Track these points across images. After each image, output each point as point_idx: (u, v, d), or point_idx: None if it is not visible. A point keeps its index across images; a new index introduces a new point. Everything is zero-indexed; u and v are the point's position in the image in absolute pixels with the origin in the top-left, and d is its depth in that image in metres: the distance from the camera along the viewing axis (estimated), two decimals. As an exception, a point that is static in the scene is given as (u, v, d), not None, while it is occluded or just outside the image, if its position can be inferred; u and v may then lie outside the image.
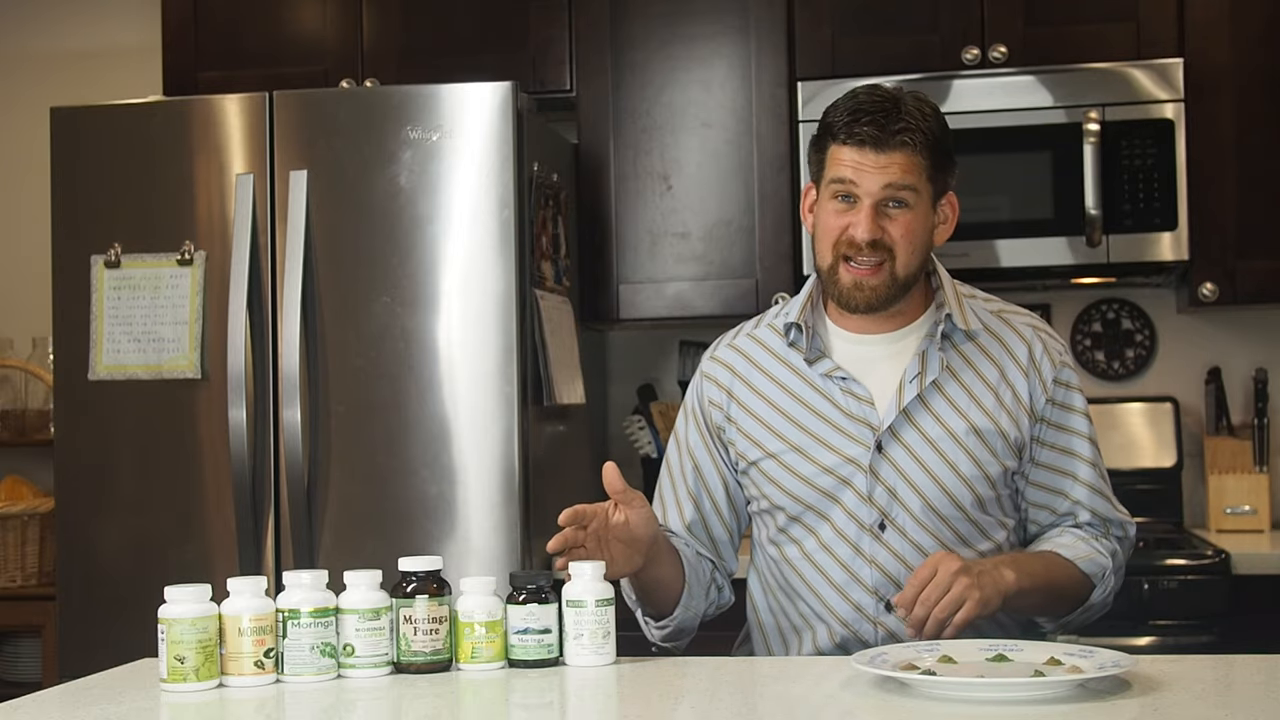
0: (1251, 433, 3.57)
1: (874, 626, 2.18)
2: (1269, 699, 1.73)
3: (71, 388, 3.22)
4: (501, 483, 3.06)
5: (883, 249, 2.13)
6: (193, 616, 1.87)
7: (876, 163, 2.11)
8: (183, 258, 3.17)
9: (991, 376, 2.19)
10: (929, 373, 2.17)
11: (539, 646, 1.96)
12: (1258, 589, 3.04)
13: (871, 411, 2.18)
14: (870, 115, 2.11)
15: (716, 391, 2.30)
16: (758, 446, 2.24)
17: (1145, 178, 3.33)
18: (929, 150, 2.12)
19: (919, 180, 2.13)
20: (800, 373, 2.24)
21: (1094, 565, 2.19)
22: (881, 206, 2.12)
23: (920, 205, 2.14)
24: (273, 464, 3.12)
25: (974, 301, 2.26)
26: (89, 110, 3.27)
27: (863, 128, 2.11)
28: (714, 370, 2.32)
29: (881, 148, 2.11)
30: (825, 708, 1.76)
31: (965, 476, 2.16)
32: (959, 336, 2.21)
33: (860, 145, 2.11)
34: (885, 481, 2.17)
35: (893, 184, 2.11)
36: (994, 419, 2.18)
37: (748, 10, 3.52)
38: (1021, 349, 2.22)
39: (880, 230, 2.12)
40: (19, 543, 3.65)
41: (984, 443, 2.17)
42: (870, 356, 2.22)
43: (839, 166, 2.14)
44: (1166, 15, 3.39)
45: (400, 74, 3.59)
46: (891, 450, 2.17)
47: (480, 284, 3.08)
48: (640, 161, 3.55)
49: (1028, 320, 2.26)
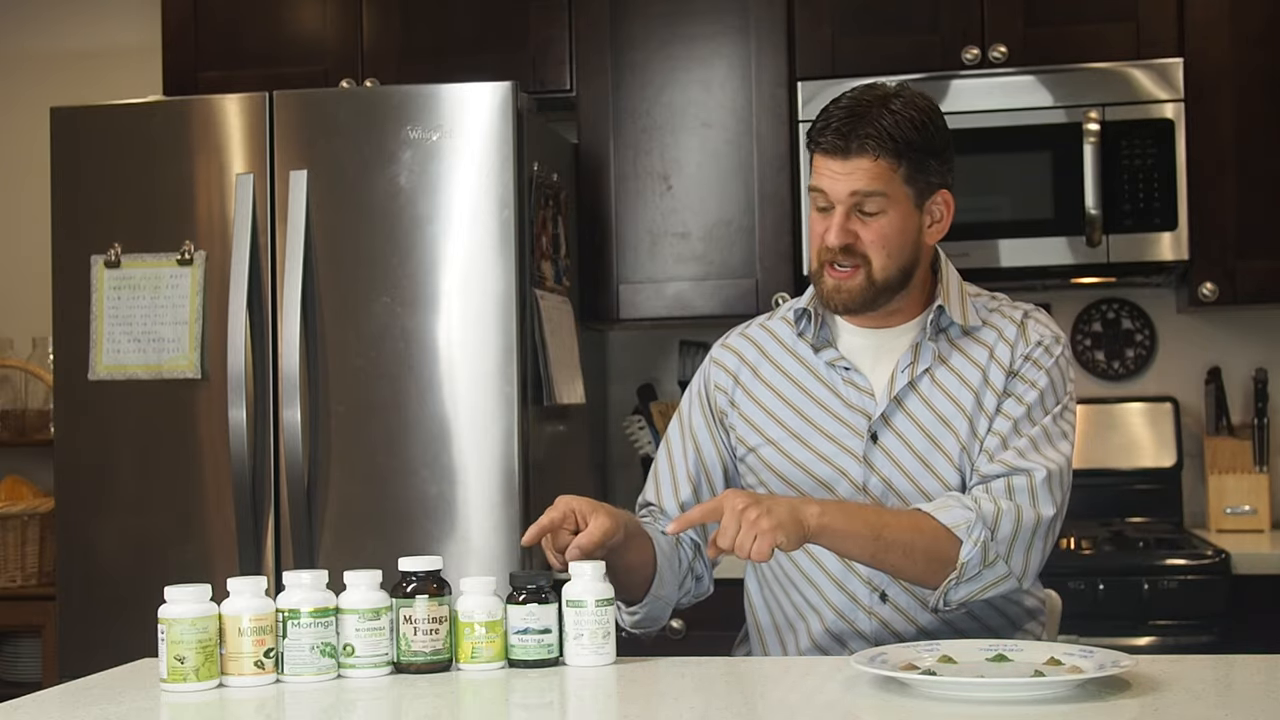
0: (1251, 433, 3.57)
1: (868, 616, 2.18)
2: (1269, 699, 1.73)
3: (71, 388, 3.22)
4: (501, 483, 3.06)
5: (856, 254, 2.15)
6: (193, 616, 1.86)
7: (842, 169, 2.13)
8: (183, 258, 3.17)
9: (981, 359, 2.21)
10: (920, 363, 2.20)
11: (539, 646, 1.96)
12: (1258, 589, 3.04)
13: (869, 401, 2.20)
14: (836, 122, 2.13)
15: (723, 376, 2.32)
16: (758, 432, 2.26)
17: (1145, 178, 3.33)
18: (896, 155, 2.12)
19: (888, 185, 2.13)
20: (806, 361, 2.26)
21: (954, 516, 2.06)
22: (853, 212, 2.14)
23: (895, 209, 2.14)
24: (273, 464, 3.12)
25: (978, 300, 2.27)
26: (89, 110, 3.27)
27: (827, 136, 2.13)
28: (723, 356, 2.35)
29: (844, 155, 2.12)
30: (825, 708, 1.76)
31: (956, 462, 2.17)
32: (955, 331, 2.22)
33: (827, 153, 2.14)
34: (879, 471, 2.18)
35: (858, 191, 2.12)
36: (980, 398, 2.18)
37: (748, 10, 3.52)
38: (1011, 330, 2.23)
39: (851, 235, 2.14)
40: (19, 543, 3.65)
41: (971, 424, 2.17)
42: (874, 348, 2.24)
43: (815, 174, 2.17)
44: (1166, 15, 3.39)
45: (400, 74, 3.59)
46: (885, 439, 2.19)
47: (480, 284, 3.08)
48: (640, 161, 3.55)
49: (1024, 308, 2.27)
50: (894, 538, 2.04)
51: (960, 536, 2.06)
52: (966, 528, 2.06)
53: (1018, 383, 2.20)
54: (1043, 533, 2.12)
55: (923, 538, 2.05)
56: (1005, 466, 2.13)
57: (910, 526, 2.06)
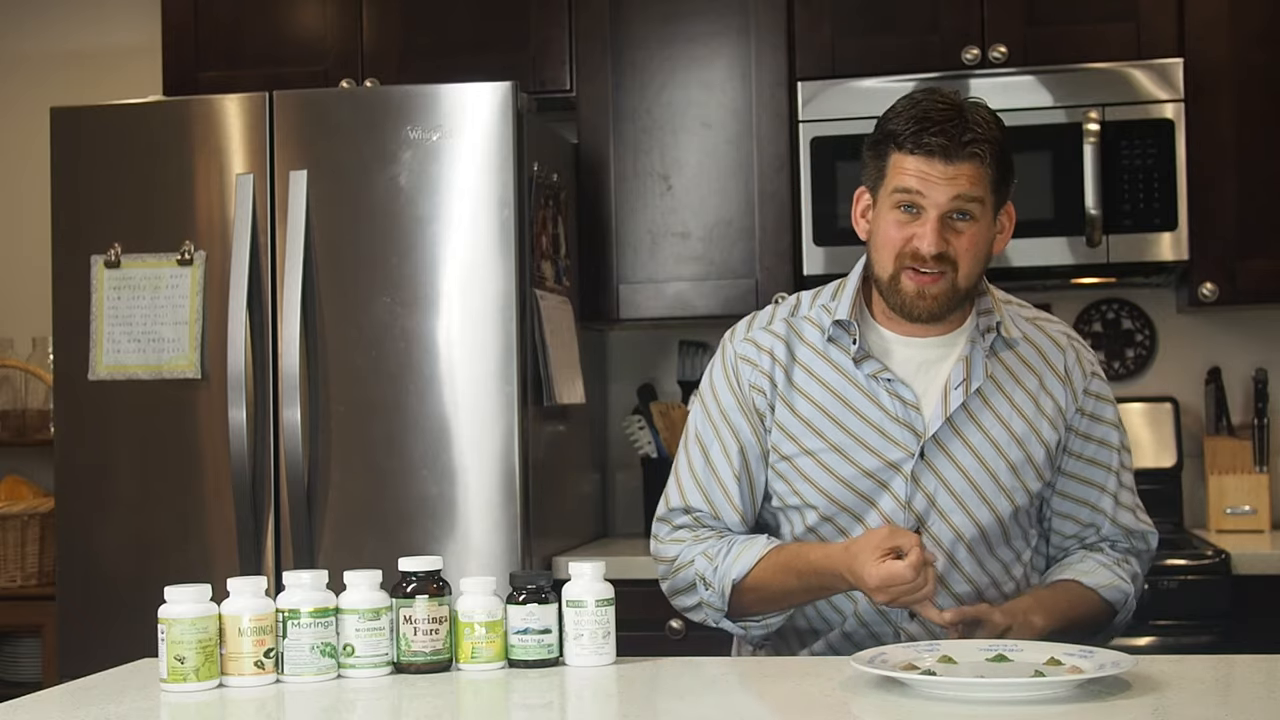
0: (1251, 433, 3.57)
1: (894, 630, 2.16)
2: (1269, 699, 1.73)
3: (71, 388, 3.22)
4: (501, 483, 3.06)
5: (946, 261, 2.08)
6: (193, 616, 1.87)
7: (945, 174, 2.06)
8: (183, 258, 3.17)
9: (1031, 385, 2.18)
10: (974, 379, 2.15)
11: (539, 646, 1.96)
12: (1258, 589, 3.04)
13: (917, 416, 2.15)
14: (939, 125, 2.05)
15: (758, 376, 2.22)
16: (794, 442, 2.19)
17: (1145, 178, 3.33)
18: (996, 162, 2.08)
19: (985, 192, 2.08)
20: (844, 371, 2.18)
21: (1117, 593, 2.19)
22: (947, 218, 2.07)
23: (984, 217, 2.10)
24: (273, 464, 3.12)
25: (1010, 308, 2.24)
26: (89, 110, 3.27)
27: (931, 137, 2.05)
28: (752, 353, 2.23)
29: (950, 158, 2.05)
30: (825, 708, 1.76)
31: (1005, 486, 2.16)
32: (999, 344, 2.18)
33: (929, 155, 2.06)
34: (925, 488, 2.15)
35: (961, 196, 2.06)
36: (1034, 427, 2.17)
37: (748, 10, 3.52)
38: (1058, 358, 2.21)
39: (945, 243, 2.07)
40: (19, 543, 3.65)
41: (1025, 452, 2.16)
42: (918, 360, 2.18)
43: (903, 176, 2.08)
44: (1166, 15, 3.38)
45: (400, 74, 3.59)
46: (934, 456, 2.15)
47: (480, 284, 3.08)
48: (640, 161, 3.55)
49: (1062, 329, 2.26)
50: (1077, 621, 2.16)
51: (1118, 610, 2.21)
52: (1124, 602, 2.21)
53: (1094, 424, 2.21)
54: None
55: (1092, 611, 2.19)
56: (1126, 529, 2.25)
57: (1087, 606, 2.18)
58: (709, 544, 2.20)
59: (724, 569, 2.16)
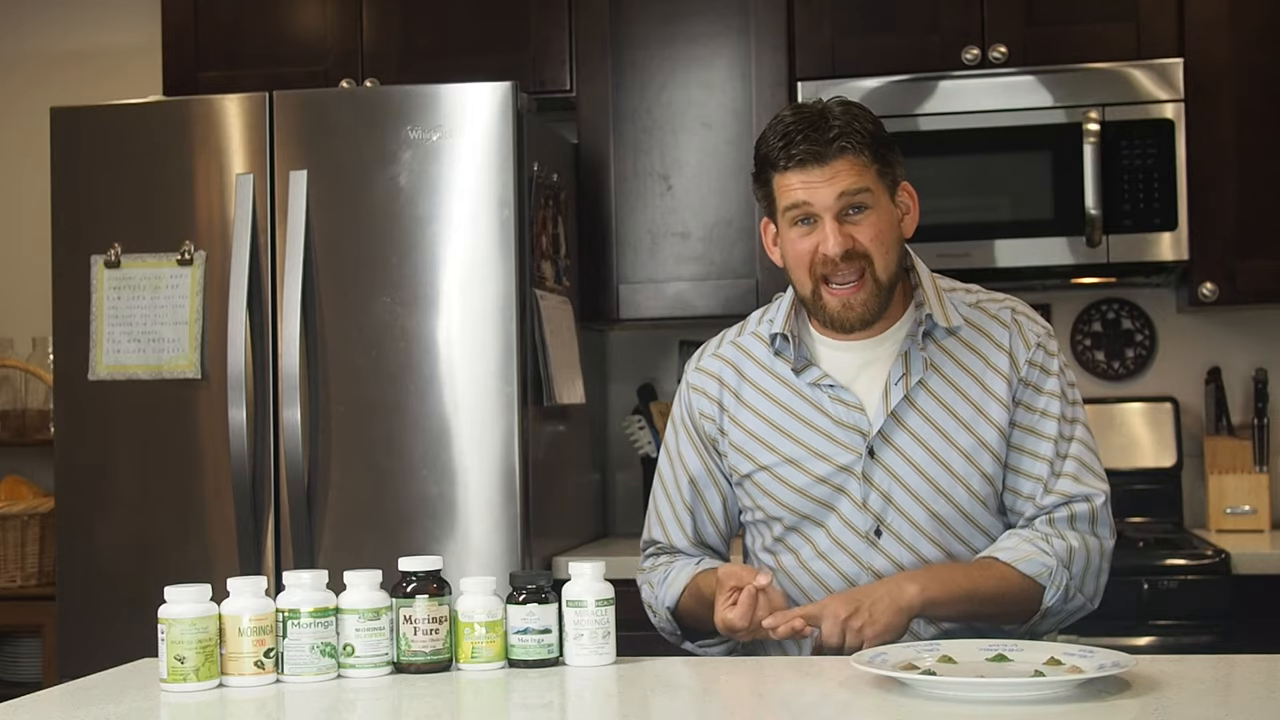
0: (1251, 433, 3.57)
1: None
2: (1269, 699, 1.73)
3: (71, 388, 3.22)
4: (501, 483, 3.06)
5: (858, 257, 2.12)
6: (193, 616, 1.87)
7: (823, 176, 2.10)
8: (183, 258, 3.17)
9: (976, 368, 2.19)
10: (913, 374, 2.17)
11: (539, 646, 1.96)
12: (1258, 589, 3.04)
13: (861, 418, 2.18)
14: (802, 133, 2.10)
15: (707, 404, 2.29)
16: (750, 460, 2.24)
17: (1145, 178, 3.33)
18: (869, 148, 2.12)
19: (870, 180, 2.12)
20: (788, 382, 2.23)
21: (1036, 565, 2.11)
22: (842, 216, 2.12)
23: (880, 203, 2.14)
24: (273, 464, 3.12)
25: (954, 295, 2.25)
26: (89, 110, 3.27)
27: (798, 148, 2.10)
28: (701, 382, 2.31)
29: (823, 160, 2.10)
30: (825, 707, 1.76)
31: (959, 474, 2.17)
32: (940, 333, 2.20)
33: (802, 165, 2.11)
34: (879, 486, 2.17)
35: (846, 191, 2.11)
36: (981, 410, 2.17)
37: (748, 10, 3.52)
38: (1003, 335, 2.21)
39: (849, 239, 2.12)
40: (19, 543, 3.65)
41: (975, 436, 2.17)
42: (856, 362, 2.21)
43: (789, 193, 2.13)
44: (1166, 15, 3.39)
45: (400, 74, 3.59)
46: (883, 454, 2.17)
47: (480, 284, 3.08)
48: (640, 161, 3.55)
49: (1007, 304, 2.25)
50: (986, 595, 2.10)
51: (1043, 584, 2.12)
52: (1048, 575, 2.12)
53: (1036, 395, 2.19)
54: (1108, 556, 2.20)
55: (1010, 589, 2.11)
56: (1063, 495, 2.16)
57: (997, 580, 2.11)
58: (656, 572, 2.31)
59: (661, 596, 2.27)
